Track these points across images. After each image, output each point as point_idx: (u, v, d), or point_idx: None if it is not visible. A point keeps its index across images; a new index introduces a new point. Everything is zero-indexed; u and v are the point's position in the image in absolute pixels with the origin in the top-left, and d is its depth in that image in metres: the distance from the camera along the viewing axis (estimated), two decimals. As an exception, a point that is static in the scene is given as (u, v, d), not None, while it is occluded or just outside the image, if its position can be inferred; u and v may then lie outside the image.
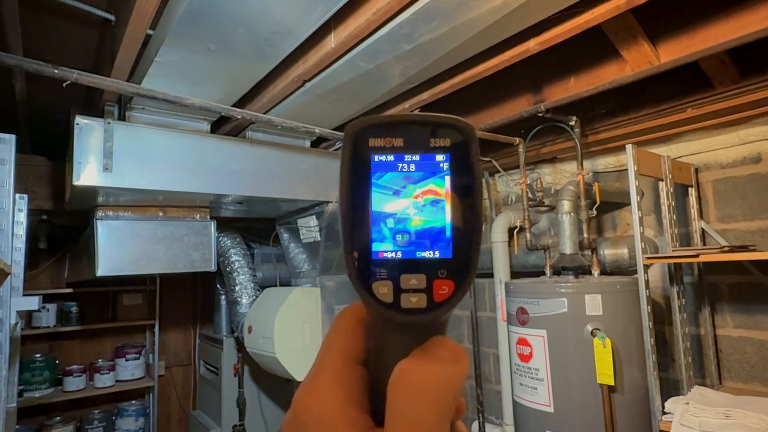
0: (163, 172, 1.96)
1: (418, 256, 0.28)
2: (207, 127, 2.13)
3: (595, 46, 1.71)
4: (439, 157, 0.28)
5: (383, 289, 0.27)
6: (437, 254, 0.28)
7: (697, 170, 2.24)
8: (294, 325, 2.42)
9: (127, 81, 1.65)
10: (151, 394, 3.63)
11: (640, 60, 1.59)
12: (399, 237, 0.28)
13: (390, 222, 0.28)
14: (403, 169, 0.28)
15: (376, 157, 0.28)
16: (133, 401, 3.58)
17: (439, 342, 0.27)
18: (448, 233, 0.28)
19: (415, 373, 0.25)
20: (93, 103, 2.01)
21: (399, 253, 0.28)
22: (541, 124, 2.20)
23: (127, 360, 3.53)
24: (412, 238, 0.28)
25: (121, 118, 1.97)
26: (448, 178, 0.28)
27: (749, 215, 2.08)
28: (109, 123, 1.83)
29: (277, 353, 2.37)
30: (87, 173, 1.80)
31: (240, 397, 3.21)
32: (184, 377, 3.98)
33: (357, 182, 0.28)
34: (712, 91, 1.86)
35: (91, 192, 1.93)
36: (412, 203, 0.28)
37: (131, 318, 3.66)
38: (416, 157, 0.28)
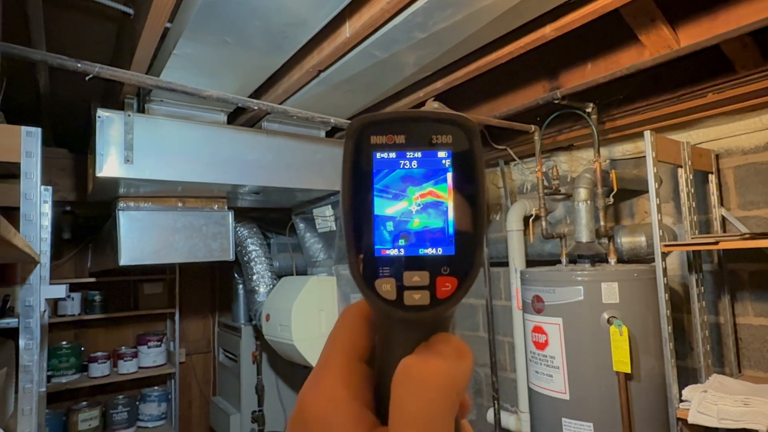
0: (182, 163, 2.00)
1: (420, 253, 0.28)
2: (224, 118, 2.16)
3: (613, 31, 1.69)
4: (442, 154, 0.28)
5: (386, 287, 0.27)
6: (440, 251, 0.28)
7: (717, 156, 2.20)
8: (311, 313, 2.46)
9: (146, 74, 1.68)
10: (172, 381, 3.73)
11: (659, 44, 1.56)
12: (401, 234, 0.28)
13: (392, 219, 0.28)
14: (405, 166, 0.28)
15: (378, 154, 0.28)
16: (156, 387, 3.68)
17: (443, 338, 0.27)
18: (451, 230, 0.28)
19: (419, 370, 0.25)
20: (113, 97, 2.05)
21: (402, 250, 0.28)
22: (557, 111, 2.18)
23: (149, 347, 3.63)
24: (415, 236, 0.28)
25: (140, 110, 2.01)
26: (450, 175, 0.28)
27: (771, 202, 2.04)
28: (129, 115, 1.87)
29: (295, 341, 2.42)
30: (109, 165, 1.84)
31: (258, 383, 3.28)
32: (204, 364, 4.08)
33: (359, 179, 0.28)
34: (734, 75, 1.82)
35: (113, 183, 1.98)
36: (414, 200, 0.28)
37: (152, 306, 3.75)
38: (418, 154, 0.28)
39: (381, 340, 0.29)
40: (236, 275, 3.57)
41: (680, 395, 1.78)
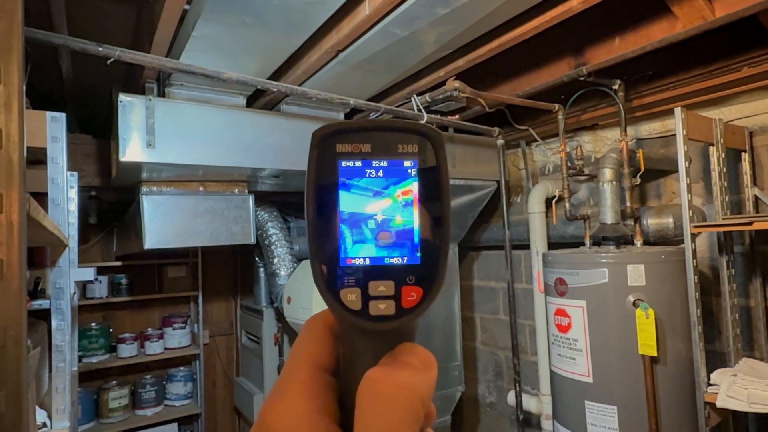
0: (202, 146, 2.01)
1: (386, 262, 0.27)
2: (243, 101, 2.16)
3: (643, 2, 1.62)
4: (407, 163, 0.28)
5: (351, 296, 0.27)
6: (405, 260, 0.27)
7: (751, 134, 2.11)
8: (331, 296, 2.48)
9: (166, 57, 1.67)
10: (197, 361, 3.83)
11: (692, 16, 1.49)
12: (367, 243, 0.28)
13: (358, 228, 0.27)
14: (371, 175, 0.28)
15: (344, 163, 0.28)
16: (182, 367, 3.78)
17: (408, 349, 0.27)
18: (416, 239, 0.27)
19: (383, 382, 0.25)
20: (133, 81, 2.06)
21: (367, 259, 0.27)
22: (582, 88, 2.12)
23: (174, 329, 3.72)
24: (380, 245, 0.28)
25: (161, 94, 2.01)
26: (415, 184, 0.28)
27: (809, 181, 1.96)
28: (150, 100, 1.88)
29: (316, 323, 2.44)
30: (132, 149, 1.86)
31: (281, 364, 3.34)
32: (227, 346, 4.17)
33: (323, 188, 0.27)
34: (772, 47, 1.73)
35: (136, 168, 2.00)
36: (379, 209, 0.28)
37: (176, 290, 3.83)
38: (384, 163, 0.28)
39: (346, 350, 0.29)
40: (257, 258, 3.62)
41: (708, 379, 1.75)
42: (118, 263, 3.55)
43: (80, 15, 1.75)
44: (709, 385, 1.74)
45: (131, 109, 1.86)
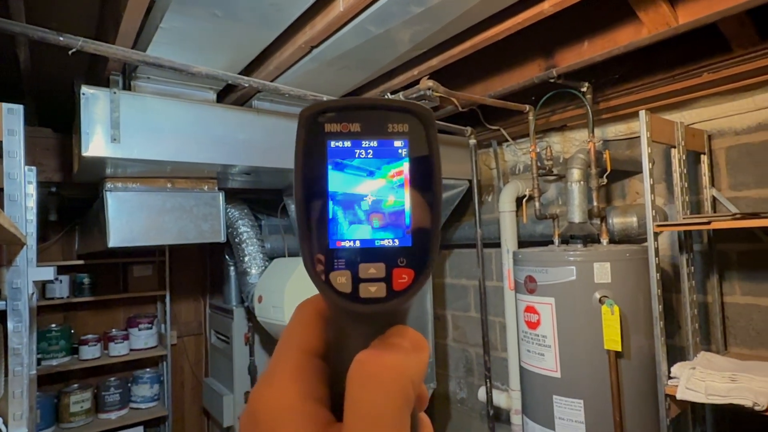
0: (170, 142, 1.95)
1: (377, 244, 0.27)
2: (213, 96, 2.11)
3: (611, 7, 1.66)
4: (398, 143, 0.27)
5: (341, 279, 0.26)
6: (396, 242, 0.27)
7: (710, 137, 2.20)
8: (304, 294, 2.40)
9: (132, 49, 1.62)
10: (164, 362, 3.73)
11: (657, 22, 1.54)
12: (357, 225, 0.27)
13: (348, 210, 0.27)
14: (361, 155, 0.27)
15: (333, 143, 0.27)
16: (148, 369, 3.68)
17: (399, 331, 0.27)
18: (408, 221, 0.27)
19: (373, 364, 0.25)
20: (97, 73, 1.98)
21: (357, 242, 0.27)
22: (552, 90, 2.16)
23: (140, 330, 3.61)
24: (371, 227, 0.27)
25: (126, 87, 1.95)
26: (406, 165, 0.27)
27: (762, 182, 2.06)
28: (115, 93, 1.81)
29: (287, 321, 2.41)
30: (95, 144, 1.79)
31: (251, 364, 3.29)
32: (196, 346, 4.07)
33: (312, 169, 0.27)
34: (730, 55, 1.81)
35: (100, 163, 1.93)
36: (369, 191, 0.27)
37: (142, 289, 3.72)
38: (374, 143, 0.27)
39: (336, 334, 0.28)
40: (227, 257, 3.55)
41: (669, 372, 1.82)
42: (81, 262, 3.42)
43: (40, 2, 1.67)
44: (670, 378, 1.81)
45: (94, 102, 1.79)
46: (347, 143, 0.27)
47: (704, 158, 2.18)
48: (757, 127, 2.07)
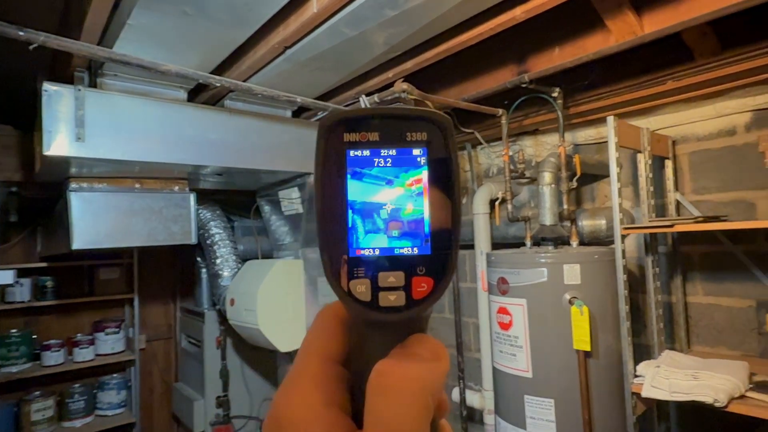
0: (139, 142, 1.90)
1: (396, 253, 0.27)
2: (184, 95, 2.06)
3: (581, 15, 1.70)
4: (416, 152, 0.27)
5: (360, 288, 0.26)
6: (415, 251, 0.27)
7: (674, 142, 2.28)
8: (277, 297, 2.43)
9: (98, 45, 1.57)
10: (132, 368, 3.62)
11: (624, 30, 1.59)
12: (376, 234, 0.27)
13: (367, 219, 0.27)
14: (380, 164, 0.27)
15: (352, 152, 0.27)
16: (115, 375, 3.57)
17: (418, 340, 0.27)
18: (427, 229, 0.27)
19: (393, 374, 0.25)
20: (61, 69, 1.91)
21: (376, 250, 0.27)
22: (524, 95, 2.20)
23: (106, 334, 3.49)
24: (390, 235, 0.27)
25: (92, 85, 1.88)
26: (425, 173, 0.27)
27: (722, 187, 2.15)
28: (79, 90, 1.75)
29: (260, 325, 2.38)
30: (58, 143, 1.72)
31: (223, 368, 3.23)
32: (166, 351, 3.97)
33: (332, 178, 0.27)
34: (692, 64, 1.88)
35: (63, 162, 1.86)
36: (389, 199, 0.27)
37: (109, 292, 3.60)
38: (392, 152, 0.27)
39: (356, 341, 0.28)
40: (199, 259, 3.48)
41: (635, 371, 1.87)
42: (43, 264, 3.29)
43: (-2, -6, 1.60)
44: (636, 376, 1.86)
45: (58, 99, 1.73)
46: (366, 152, 0.27)
47: (669, 163, 2.26)
48: (718, 134, 2.16)
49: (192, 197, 2.39)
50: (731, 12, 1.39)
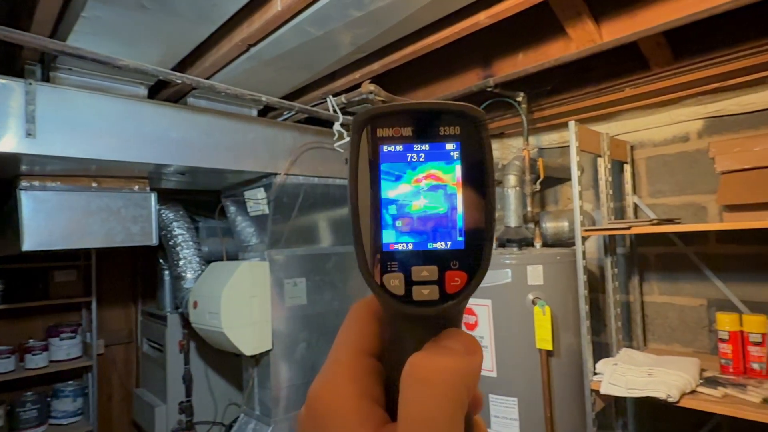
0: (96, 139, 1.82)
1: (429, 247, 0.27)
2: (144, 91, 2.00)
3: (544, 22, 1.74)
4: (449, 146, 0.27)
5: (394, 282, 0.27)
6: (449, 245, 0.27)
7: (632, 147, 2.37)
8: (242, 300, 2.38)
9: (50, 37, 1.50)
10: (89, 374, 3.48)
11: (584, 38, 1.63)
12: (410, 229, 0.27)
13: (401, 213, 0.27)
14: (413, 159, 0.27)
15: (385, 148, 0.27)
16: (70, 382, 3.41)
17: (452, 334, 0.27)
18: (460, 223, 0.27)
19: (427, 367, 0.25)
20: (10, 62, 1.82)
21: (410, 244, 0.27)
22: (490, 99, 2.24)
23: (61, 339, 3.34)
24: (424, 229, 0.27)
25: (45, 79, 1.80)
26: (458, 167, 0.27)
27: (676, 191, 2.24)
28: (30, 84, 1.67)
29: (224, 328, 2.33)
30: (6, 139, 1.64)
31: (186, 373, 3.14)
32: (126, 355, 3.83)
33: (366, 173, 0.27)
34: (649, 72, 1.95)
35: (12, 159, 1.77)
36: (422, 194, 0.27)
37: (65, 295, 3.45)
38: (426, 147, 0.27)
39: (390, 335, 0.29)
40: (161, 261, 3.37)
41: (594, 369, 1.93)
42: (-8, 266, 3.12)
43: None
44: (595, 374, 1.92)
45: (6, 93, 1.64)
46: (399, 147, 0.27)
47: (627, 167, 2.34)
48: (672, 140, 2.25)
49: (153, 197, 2.32)
50: (683, 24, 1.45)
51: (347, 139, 2.24)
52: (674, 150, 2.25)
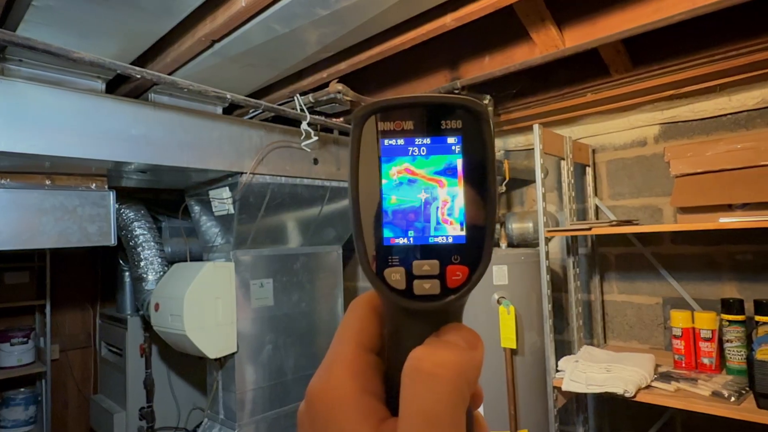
0: (49, 134, 1.74)
1: (430, 241, 0.27)
2: (101, 86, 1.92)
3: (509, 27, 1.77)
4: (451, 140, 0.27)
5: (395, 276, 0.27)
6: (450, 239, 0.27)
7: (594, 151, 2.44)
8: (206, 302, 2.32)
9: (-2, 27, 1.42)
10: (43, 380, 3.32)
11: (547, 44, 1.67)
12: (411, 223, 0.27)
13: (402, 207, 0.27)
14: (414, 153, 0.27)
15: (386, 141, 0.27)
16: (22, 389, 3.25)
17: (453, 329, 0.27)
18: (462, 217, 0.27)
19: (428, 361, 0.25)
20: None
21: (411, 239, 0.27)
22: (457, 101, 2.25)
23: (12, 345, 3.18)
24: (424, 223, 0.27)
25: (-7, 70, 1.71)
26: (460, 161, 0.27)
27: (634, 193, 2.32)
28: (-24, 75, 1.58)
29: (187, 331, 2.26)
30: (-51, 133, 1.54)
31: (147, 378, 3.05)
32: (83, 360, 3.68)
33: (366, 167, 0.27)
34: (609, 78, 2.01)
35: (-43, 155, 1.67)
36: (423, 188, 0.27)
37: (16, 298, 3.28)
38: (427, 140, 0.27)
39: (391, 330, 0.29)
40: (121, 262, 3.25)
41: (557, 366, 1.97)
42: (-65, 268, 2.94)
43: None
44: (557, 371, 1.97)
45: (-50, 84, 1.55)
46: (400, 141, 0.27)
47: (589, 170, 2.41)
48: (631, 144, 2.33)
49: (111, 195, 2.23)
50: (639, 32, 1.50)
51: (315, 138, 2.22)
52: (633, 154, 2.33)
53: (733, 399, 1.54)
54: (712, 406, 1.54)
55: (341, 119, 2.41)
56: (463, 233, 0.27)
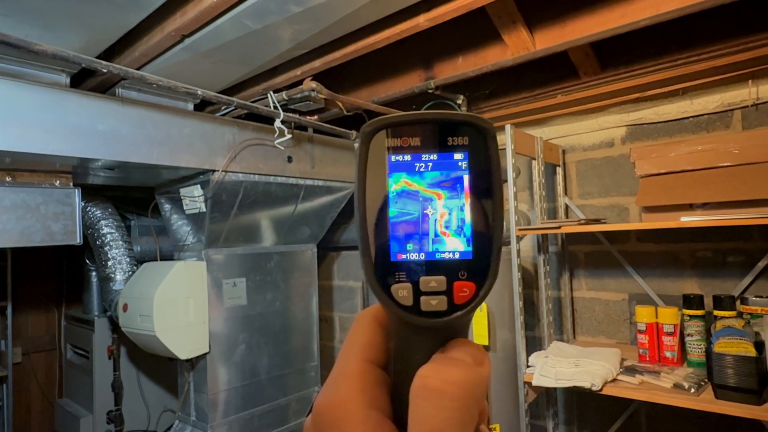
0: (9, 129, 1.67)
1: (437, 257, 0.27)
2: (65, 80, 1.86)
3: (482, 28, 1.80)
4: (458, 156, 0.28)
5: (402, 292, 0.27)
6: (457, 255, 0.27)
7: (564, 151, 2.50)
8: (177, 301, 2.27)
9: (-47, 16, 1.36)
10: (4, 385, 3.19)
11: (519, 45, 1.70)
12: (418, 238, 0.27)
13: (408, 223, 0.27)
14: (421, 169, 0.28)
15: (393, 157, 0.27)
16: (-19, 394, 3.13)
17: (460, 344, 0.27)
18: (468, 233, 0.27)
19: (436, 379, 0.25)
20: None
21: (418, 255, 0.27)
22: (431, 100, 2.28)
23: (-30, 348, 3.05)
24: (431, 240, 0.27)
25: (-51, 62, 1.63)
26: (466, 177, 0.28)
27: (603, 192, 2.39)
28: (-71, 66, 1.50)
29: (157, 331, 2.22)
30: None
31: (116, 380, 2.97)
32: (47, 364, 3.56)
33: (374, 183, 0.27)
34: (578, 80, 2.07)
35: None
36: (430, 203, 0.28)
37: (-25, 300, 3.15)
38: (434, 157, 0.28)
39: (397, 345, 0.29)
40: (88, 261, 3.16)
41: (527, 362, 2.02)
42: None
43: None
44: (528, 366, 2.01)
45: None
46: (407, 157, 0.27)
47: (559, 170, 2.46)
48: (600, 145, 2.40)
49: (77, 193, 2.16)
50: (606, 36, 1.55)
51: (289, 136, 2.20)
52: (601, 154, 2.39)
53: (692, 390, 1.61)
54: (673, 398, 1.61)
55: (315, 117, 2.40)
56: (470, 249, 0.27)
